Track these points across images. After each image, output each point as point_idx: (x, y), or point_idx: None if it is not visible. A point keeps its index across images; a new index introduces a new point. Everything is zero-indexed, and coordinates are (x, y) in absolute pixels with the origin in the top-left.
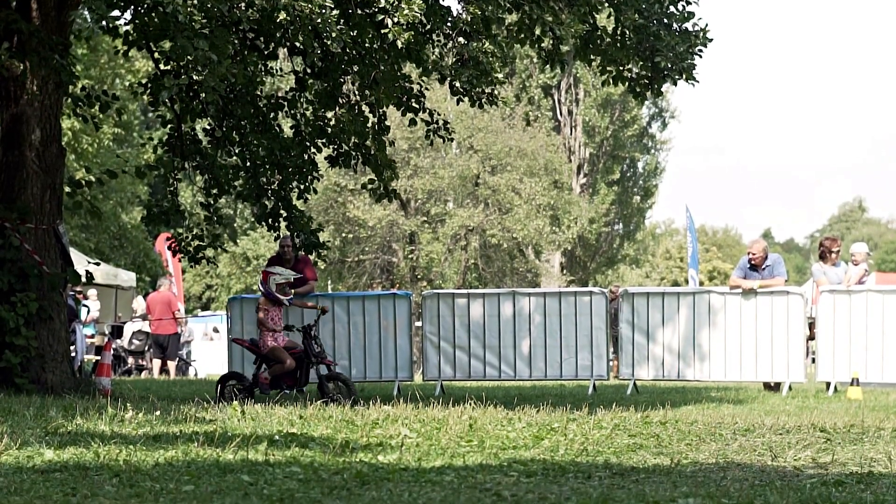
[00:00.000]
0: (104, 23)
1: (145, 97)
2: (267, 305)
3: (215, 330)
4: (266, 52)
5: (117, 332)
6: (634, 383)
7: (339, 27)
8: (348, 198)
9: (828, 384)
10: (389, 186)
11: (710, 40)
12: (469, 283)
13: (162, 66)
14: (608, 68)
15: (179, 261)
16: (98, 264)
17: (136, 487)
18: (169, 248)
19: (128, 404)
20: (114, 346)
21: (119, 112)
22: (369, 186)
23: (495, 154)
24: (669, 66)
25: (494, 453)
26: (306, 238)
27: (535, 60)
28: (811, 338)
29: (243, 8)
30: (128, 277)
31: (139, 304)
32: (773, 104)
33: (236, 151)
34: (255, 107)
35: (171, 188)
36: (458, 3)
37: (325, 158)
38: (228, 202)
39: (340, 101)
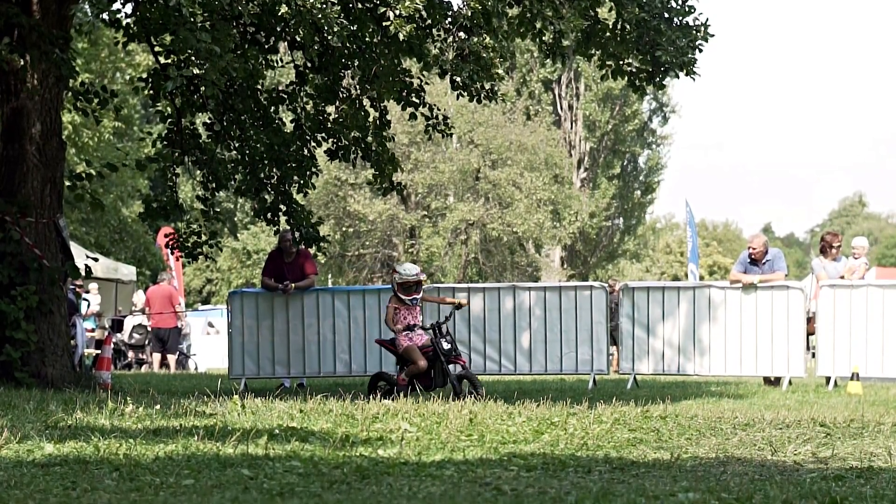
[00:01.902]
0: (105, 16)
1: (146, 92)
2: (397, 304)
3: (210, 324)
4: (267, 47)
5: (117, 325)
6: (634, 378)
7: (339, 21)
8: (348, 192)
9: (828, 379)
10: (393, 180)
11: (712, 35)
12: (469, 277)
13: (162, 60)
14: (607, 62)
15: (178, 258)
16: (97, 260)
17: (137, 481)
18: (166, 245)
19: (128, 398)
20: (114, 339)
21: (117, 108)
22: (375, 186)
23: (496, 148)
24: (670, 60)
25: (494, 447)
26: (306, 232)
27: (535, 55)
28: (811, 332)
29: (244, 2)
30: (128, 271)
31: (139, 297)
32: (773, 102)
33: (236, 146)
34: (256, 101)
35: (171, 183)
36: None
37: (325, 152)
38: (229, 196)
39: (341, 95)
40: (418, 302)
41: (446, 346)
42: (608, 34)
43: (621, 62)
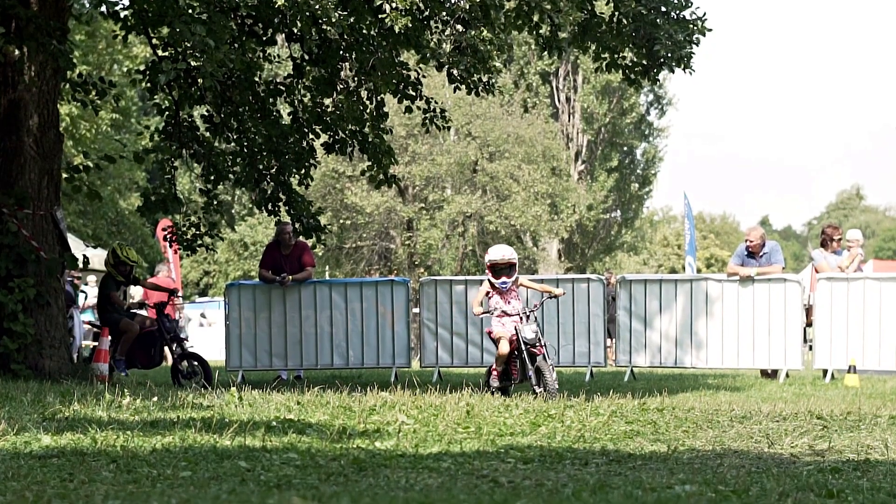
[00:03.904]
0: (103, 8)
1: (143, 85)
2: (489, 288)
3: (203, 315)
4: (264, 38)
5: None
6: (632, 370)
7: (337, 13)
8: (346, 184)
9: (825, 371)
10: (388, 172)
11: (709, 30)
12: (467, 269)
13: (160, 53)
14: (603, 55)
15: (176, 251)
16: (95, 247)
17: (134, 473)
18: (165, 238)
19: (125, 390)
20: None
21: (117, 98)
22: (368, 174)
23: (493, 141)
24: (667, 54)
25: (491, 440)
26: (307, 222)
27: (532, 47)
28: (808, 324)
29: None
30: None
31: (137, 290)
32: (771, 94)
33: (234, 138)
34: (254, 93)
35: (169, 175)
36: None
37: (322, 145)
38: (226, 188)
39: (338, 87)
40: (509, 286)
41: (529, 334)
42: (605, 27)
43: (617, 55)
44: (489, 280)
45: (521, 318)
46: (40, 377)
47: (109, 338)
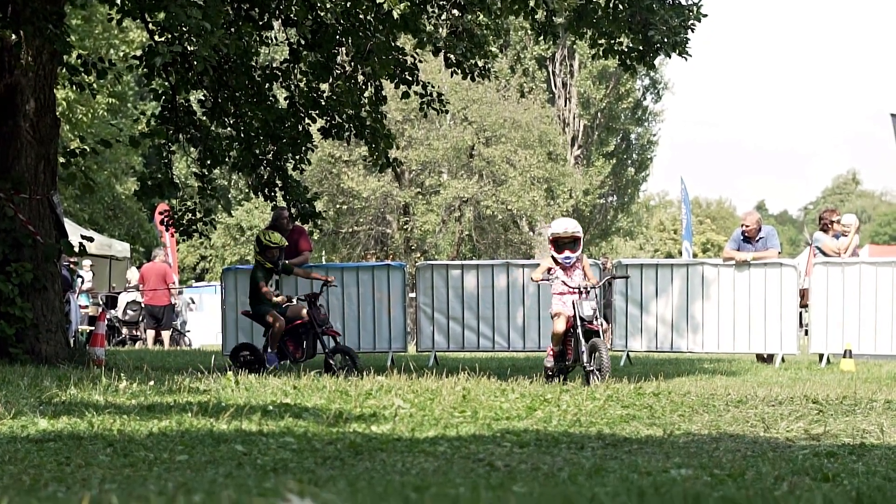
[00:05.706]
0: None
1: (140, 70)
2: (551, 263)
3: (192, 300)
4: (261, 23)
5: (111, 302)
6: (628, 354)
7: None
8: (342, 169)
9: (821, 356)
10: (388, 155)
11: (705, 15)
12: (463, 254)
13: (156, 38)
14: (599, 41)
15: (172, 235)
16: (91, 240)
17: (130, 457)
18: (162, 222)
19: (122, 374)
20: (108, 316)
21: (118, 76)
22: (370, 159)
23: (490, 125)
24: (663, 39)
25: (488, 424)
26: (303, 207)
27: (529, 32)
28: (804, 306)
29: None
30: (122, 248)
31: (133, 274)
32: (768, 77)
33: (230, 122)
34: (250, 77)
35: (165, 160)
36: None
37: (318, 130)
38: (223, 173)
39: (335, 72)
40: (573, 261)
41: (587, 311)
42: (600, 13)
43: (613, 41)
44: (552, 255)
45: (580, 294)
46: (37, 361)
47: (104, 321)
